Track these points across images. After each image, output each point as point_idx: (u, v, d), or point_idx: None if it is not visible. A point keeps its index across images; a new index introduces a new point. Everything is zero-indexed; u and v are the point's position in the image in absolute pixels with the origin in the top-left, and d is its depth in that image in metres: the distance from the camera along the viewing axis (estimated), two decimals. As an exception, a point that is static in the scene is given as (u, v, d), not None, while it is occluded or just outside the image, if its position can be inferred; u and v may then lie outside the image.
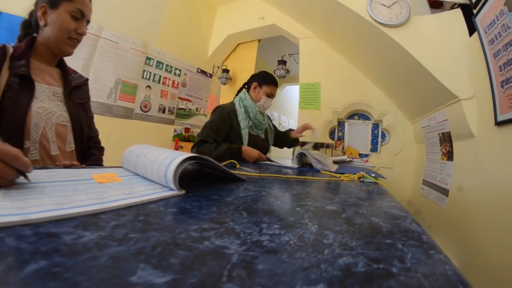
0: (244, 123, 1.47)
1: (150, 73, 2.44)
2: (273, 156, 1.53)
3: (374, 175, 0.86)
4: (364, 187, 0.72)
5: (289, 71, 2.84)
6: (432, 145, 1.57)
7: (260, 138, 1.59)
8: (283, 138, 1.83)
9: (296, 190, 0.61)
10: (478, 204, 1.05)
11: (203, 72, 3.08)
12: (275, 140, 1.81)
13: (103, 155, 1.05)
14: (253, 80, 1.59)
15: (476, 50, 1.12)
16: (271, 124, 1.81)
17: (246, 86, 1.65)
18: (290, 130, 1.85)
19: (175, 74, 2.69)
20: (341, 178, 0.85)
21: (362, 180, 0.84)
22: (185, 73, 2.82)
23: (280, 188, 0.62)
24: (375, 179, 0.82)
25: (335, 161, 1.45)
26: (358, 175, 0.86)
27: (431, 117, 1.54)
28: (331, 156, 1.90)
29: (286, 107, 5.17)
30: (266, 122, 1.67)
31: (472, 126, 1.14)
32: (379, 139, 2.20)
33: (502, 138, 0.95)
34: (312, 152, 1.14)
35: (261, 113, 1.60)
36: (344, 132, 2.31)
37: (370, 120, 2.24)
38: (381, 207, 0.48)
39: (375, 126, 2.23)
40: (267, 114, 1.76)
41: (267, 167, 1.08)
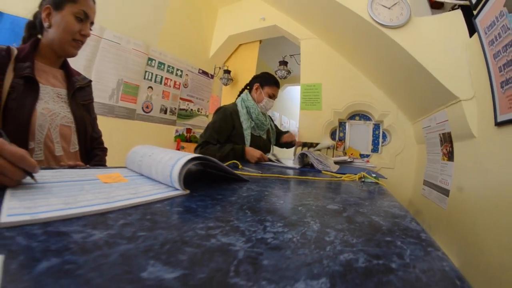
0: (246, 123, 1.48)
1: (152, 73, 2.45)
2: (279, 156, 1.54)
3: (374, 175, 0.87)
4: (365, 187, 0.73)
5: (290, 72, 2.85)
6: (433, 146, 1.57)
7: (262, 139, 1.60)
8: (277, 140, 1.86)
9: (298, 190, 0.62)
10: (478, 204, 1.06)
11: (204, 73, 3.09)
12: (276, 140, 1.83)
13: (106, 156, 1.05)
14: (255, 81, 1.60)
15: (476, 51, 1.13)
16: (273, 125, 1.82)
17: (248, 87, 1.66)
18: (286, 133, 1.88)
19: (176, 74, 2.70)
20: (342, 178, 0.86)
21: (363, 180, 0.84)
22: (187, 74, 2.83)
23: (282, 188, 0.62)
24: (376, 179, 0.82)
25: (336, 162, 1.46)
26: (359, 175, 0.87)
27: (431, 117, 1.55)
28: (332, 157, 1.90)
29: (287, 108, 5.18)
30: (268, 123, 1.68)
31: (472, 127, 1.14)
32: (380, 140, 2.21)
33: (502, 138, 0.96)
34: (313, 153, 1.14)
35: (263, 114, 1.61)
36: (345, 133, 2.32)
37: (371, 121, 2.25)
38: (381, 207, 0.49)
39: (376, 127, 2.24)
40: (269, 115, 1.77)
41: (269, 168, 1.09)
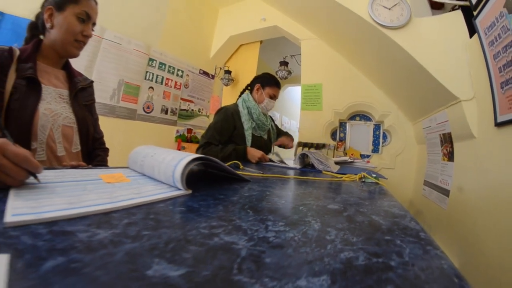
0: (247, 124, 1.49)
1: (153, 74, 2.45)
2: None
3: (375, 175, 0.87)
4: (365, 187, 0.74)
5: (291, 72, 2.85)
6: (433, 146, 1.58)
7: (263, 139, 1.61)
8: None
9: (299, 190, 0.62)
10: (478, 204, 1.06)
11: (205, 73, 3.09)
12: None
13: (107, 156, 1.06)
14: (256, 82, 1.61)
15: (476, 51, 1.13)
16: (273, 125, 1.82)
17: (249, 88, 1.67)
18: (286, 133, 1.89)
19: (177, 75, 2.71)
20: (343, 179, 0.86)
21: (363, 180, 0.85)
22: (188, 74, 2.84)
23: (283, 188, 0.63)
24: (376, 179, 0.83)
25: (337, 162, 1.46)
26: (359, 175, 0.87)
27: (432, 118, 1.55)
28: (333, 157, 1.91)
29: (288, 108, 5.18)
30: (269, 123, 1.69)
31: (472, 127, 1.15)
32: (381, 140, 2.21)
33: (502, 139, 0.96)
34: (314, 153, 1.15)
35: (264, 114, 1.61)
36: (345, 133, 2.32)
37: (372, 121, 2.25)
38: (381, 206, 0.49)
39: (377, 127, 2.24)
40: (269, 115, 1.77)
41: (269, 168, 1.10)
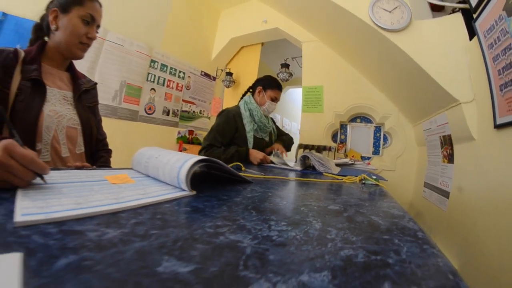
0: (249, 126, 1.50)
1: (155, 75, 2.47)
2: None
3: (375, 177, 0.88)
4: (365, 189, 0.75)
5: (292, 74, 2.87)
6: (433, 148, 1.58)
7: (264, 141, 1.62)
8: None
9: (300, 191, 0.63)
10: (478, 206, 1.07)
11: (206, 75, 3.11)
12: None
13: (110, 157, 1.07)
14: (258, 84, 1.62)
15: (476, 54, 1.14)
16: (275, 127, 1.84)
17: (251, 90, 1.68)
18: (285, 134, 1.90)
19: (179, 76, 2.72)
20: (343, 180, 0.87)
21: (364, 182, 0.86)
22: (189, 76, 2.85)
23: (285, 189, 0.64)
24: (376, 181, 0.84)
25: (338, 164, 1.47)
26: (359, 177, 0.88)
27: (432, 120, 1.56)
28: (334, 159, 1.92)
29: (289, 110, 5.18)
30: (271, 125, 1.70)
31: (472, 129, 1.15)
32: (381, 142, 2.22)
33: (501, 141, 0.97)
34: (315, 155, 1.16)
35: (266, 117, 1.63)
36: (346, 135, 2.33)
37: (372, 123, 2.26)
38: (380, 207, 0.50)
39: (377, 129, 2.25)
40: (271, 117, 1.79)
41: (271, 169, 1.11)
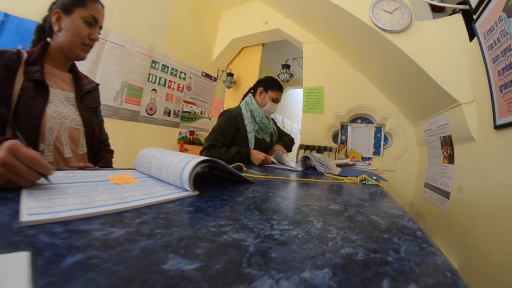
0: (250, 126, 1.51)
1: (156, 76, 2.48)
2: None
3: (375, 177, 0.89)
4: (366, 189, 0.75)
5: (292, 75, 2.87)
6: (434, 149, 1.59)
7: (265, 142, 1.63)
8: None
9: (301, 192, 0.64)
10: (478, 206, 1.07)
11: (207, 75, 3.12)
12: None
13: (112, 158, 1.08)
14: (259, 85, 1.63)
15: (476, 55, 1.14)
16: (276, 128, 1.84)
17: (252, 91, 1.69)
18: (286, 135, 1.91)
19: (180, 77, 2.73)
20: (344, 181, 0.88)
21: (364, 182, 0.86)
22: (190, 77, 2.87)
23: (286, 189, 0.65)
24: (377, 181, 0.84)
25: (338, 164, 1.47)
26: (360, 177, 0.89)
27: (432, 120, 1.56)
28: (334, 160, 1.92)
29: (290, 111, 5.19)
30: (272, 126, 1.71)
31: (472, 130, 1.16)
32: (382, 143, 2.22)
33: (501, 141, 0.97)
34: (316, 156, 1.17)
35: (267, 117, 1.63)
36: (347, 136, 2.34)
37: (373, 124, 2.27)
38: (380, 207, 0.51)
39: (378, 130, 2.25)
40: (272, 118, 1.79)
41: (272, 170, 1.11)
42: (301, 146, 2.27)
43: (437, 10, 1.61)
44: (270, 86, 1.60)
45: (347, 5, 1.67)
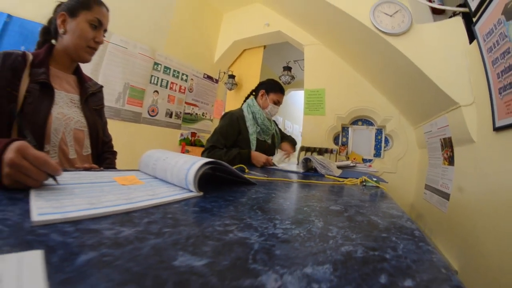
0: (252, 128, 1.52)
1: (158, 78, 2.49)
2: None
3: (375, 179, 0.90)
4: (366, 190, 0.76)
5: (294, 77, 2.88)
6: (434, 150, 1.60)
7: (267, 143, 1.64)
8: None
9: (303, 193, 0.65)
10: (478, 207, 1.08)
11: (209, 77, 3.13)
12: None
13: (115, 159, 1.09)
14: (260, 88, 1.65)
15: (476, 57, 1.15)
16: (277, 130, 1.86)
17: (254, 93, 1.70)
18: (289, 137, 1.92)
19: (182, 79, 2.74)
20: (345, 182, 0.89)
21: (364, 184, 0.88)
22: (192, 79, 2.88)
23: (288, 190, 0.66)
24: (377, 183, 0.85)
25: (339, 166, 1.48)
26: (360, 179, 0.90)
27: (432, 122, 1.57)
28: (335, 161, 1.93)
29: (291, 112, 5.19)
30: (273, 128, 1.72)
31: (472, 132, 1.17)
32: (382, 145, 2.23)
33: (500, 143, 0.98)
34: (317, 158, 1.18)
35: (268, 119, 1.65)
36: (348, 138, 2.34)
37: (374, 126, 2.27)
38: (380, 208, 0.52)
39: (379, 132, 2.26)
40: (273, 120, 1.81)
41: (274, 172, 1.12)
42: (302, 148, 2.28)
43: (437, 12, 1.61)
44: (272, 88, 1.61)
45: (348, 7, 1.68)
